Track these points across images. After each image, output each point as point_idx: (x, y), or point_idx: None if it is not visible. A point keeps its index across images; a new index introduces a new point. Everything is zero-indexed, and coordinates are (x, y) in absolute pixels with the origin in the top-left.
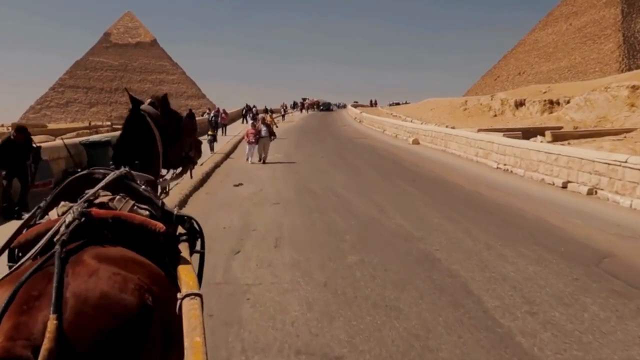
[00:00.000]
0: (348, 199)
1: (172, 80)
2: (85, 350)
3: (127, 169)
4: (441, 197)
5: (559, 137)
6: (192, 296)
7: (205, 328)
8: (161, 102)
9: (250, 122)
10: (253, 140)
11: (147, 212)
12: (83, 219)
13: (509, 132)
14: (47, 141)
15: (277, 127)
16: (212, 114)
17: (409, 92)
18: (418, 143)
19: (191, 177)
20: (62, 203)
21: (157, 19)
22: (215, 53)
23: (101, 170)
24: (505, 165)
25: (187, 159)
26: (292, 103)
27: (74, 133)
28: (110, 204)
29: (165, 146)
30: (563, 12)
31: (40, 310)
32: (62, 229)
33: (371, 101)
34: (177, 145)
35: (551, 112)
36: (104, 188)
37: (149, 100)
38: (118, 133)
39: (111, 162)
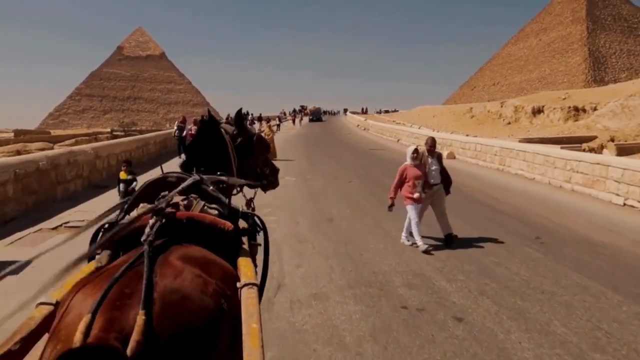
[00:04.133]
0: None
1: (179, 89)
2: (168, 344)
3: (199, 175)
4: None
5: (626, 150)
6: (250, 286)
7: None
8: (235, 115)
9: None
10: None
11: (216, 212)
12: (164, 220)
13: (548, 142)
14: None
15: (274, 134)
16: (175, 127)
17: (393, 100)
18: (454, 157)
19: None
20: (142, 205)
21: (166, 35)
22: (218, 65)
23: (175, 174)
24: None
25: (262, 176)
26: (291, 110)
27: (73, 140)
28: (183, 205)
29: (239, 157)
30: (533, 29)
31: (131, 308)
32: (147, 229)
33: (362, 109)
34: (251, 159)
35: (577, 120)
36: (180, 191)
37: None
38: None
39: (183, 164)
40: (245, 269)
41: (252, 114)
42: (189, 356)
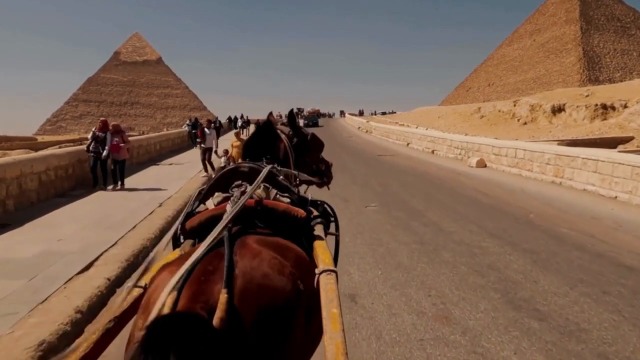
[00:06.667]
0: None
1: (177, 94)
2: (250, 321)
3: (273, 165)
4: None
5: None
6: (328, 272)
7: None
8: (288, 115)
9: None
10: None
11: (288, 200)
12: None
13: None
14: None
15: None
16: (91, 136)
17: (388, 102)
18: (484, 165)
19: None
20: (217, 193)
21: (163, 41)
22: (214, 70)
23: (246, 164)
24: None
25: (319, 172)
26: (295, 110)
27: (57, 146)
28: (256, 194)
29: (297, 154)
30: (527, 30)
31: (215, 284)
32: (225, 216)
33: (359, 111)
34: (308, 156)
35: (605, 119)
36: (251, 180)
37: (280, 121)
38: None
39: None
40: (323, 255)
41: (246, 117)
42: (270, 333)
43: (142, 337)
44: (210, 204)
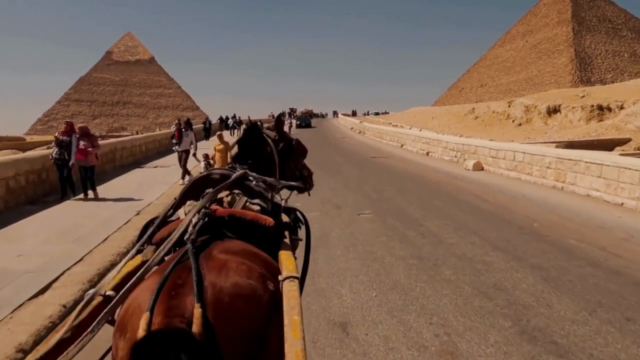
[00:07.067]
0: None
1: (169, 94)
2: (225, 331)
3: (244, 170)
4: None
5: None
6: (291, 278)
7: None
8: (275, 121)
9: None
10: None
11: (258, 207)
12: (206, 218)
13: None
14: None
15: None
16: (55, 141)
17: (381, 103)
18: (481, 168)
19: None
20: (188, 202)
21: (156, 41)
22: (207, 70)
23: (218, 171)
24: None
25: (302, 178)
26: (280, 113)
27: (45, 147)
28: (225, 201)
29: (281, 160)
30: (519, 31)
31: (186, 296)
32: (190, 228)
33: (352, 111)
34: (292, 161)
35: (601, 120)
36: (224, 188)
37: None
38: None
39: (231, 163)
40: (287, 262)
41: (238, 117)
42: (248, 338)
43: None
44: (182, 212)
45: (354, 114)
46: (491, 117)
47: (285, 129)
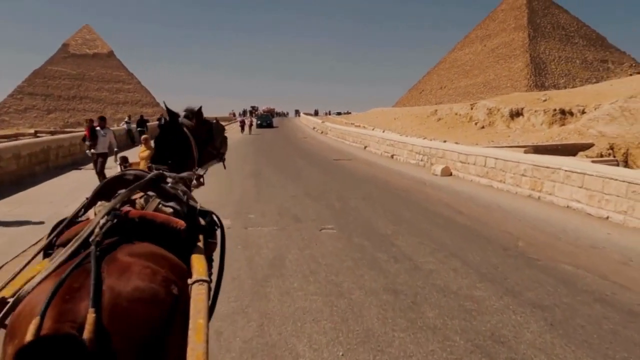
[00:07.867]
0: None
1: (128, 89)
2: (119, 338)
3: (160, 171)
4: None
5: None
6: (200, 282)
7: None
8: (196, 114)
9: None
10: None
11: (171, 210)
12: (115, 220)
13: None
14: None
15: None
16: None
17: (343, 103)
18: (450, 174)
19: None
20: (99, 203)
21: (117, 40)
22: (169, 69)
23: (132, 172)
24: None
25: (219, 155)
26: (241, 111)
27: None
28: (138, 203)
29: (201, 150)
30: (478, 35)
31: (81, 300)
32: (97, 230)
33: (314, 111)
34: (211, 145)
35: (563, 124)
36: (137, 188)
37: (183, 113)
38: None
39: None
40: (198, 265)
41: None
42: (144, 346)
43: None
44: (92, 213)
45: (316, 113)
46: (454, 119)
47: (246, 128)
